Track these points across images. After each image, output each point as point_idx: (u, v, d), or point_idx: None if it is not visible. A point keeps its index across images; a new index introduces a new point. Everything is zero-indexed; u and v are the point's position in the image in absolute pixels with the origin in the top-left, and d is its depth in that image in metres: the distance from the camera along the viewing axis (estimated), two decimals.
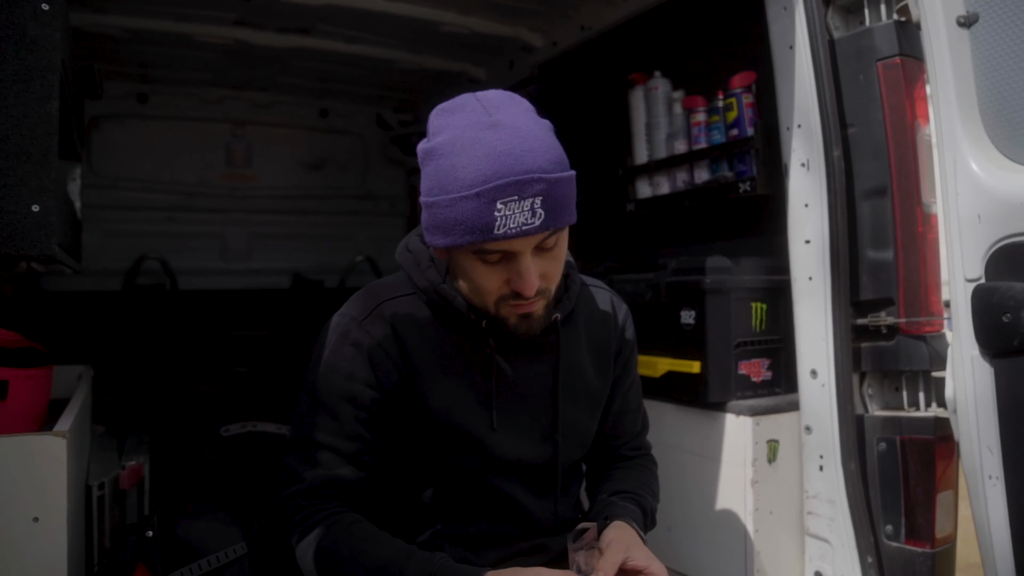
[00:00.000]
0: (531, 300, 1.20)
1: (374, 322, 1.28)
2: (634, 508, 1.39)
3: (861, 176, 1.98)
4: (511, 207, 1.09)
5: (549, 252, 1.19)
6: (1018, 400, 1.53)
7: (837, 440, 1.96)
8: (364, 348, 1.26)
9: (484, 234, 1.10)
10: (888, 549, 1.92)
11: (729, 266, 2.10)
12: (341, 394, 1.25)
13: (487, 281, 1.19)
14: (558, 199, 1.12)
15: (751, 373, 2.12)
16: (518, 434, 1.33)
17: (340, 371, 1.26)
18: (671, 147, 2.58)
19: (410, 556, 1.15)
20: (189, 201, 3.78)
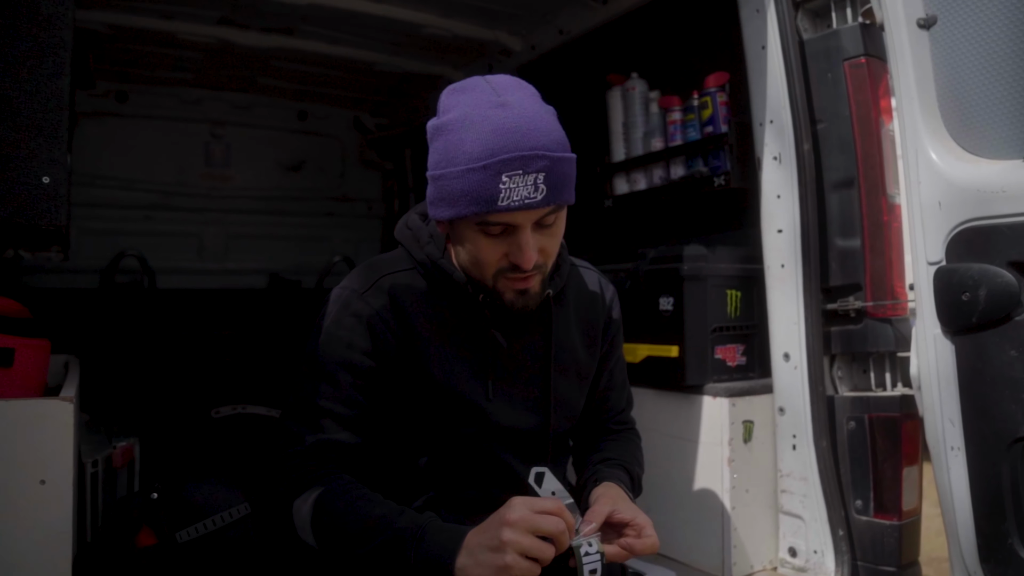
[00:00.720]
0: (528, 275, 1.26)
1: (374, 294, 1.33)
2: (621, 473, 1.46)
3: (830, 169, 2.09)
4: (515, 180, 1.16)
5: (548, 229, 1.25)
6: (977, 374, 1.63)
7: (809, 420, 2.06)
8: (364, 318, 1.31)
9: (489, 205, 1.17)
10: (858, 523, 2.02)
11: (705, 254, 2.20)
12: (340, 362, 1.29)
13: (487, 254, 1.25)
14: (560, 176, 1.19)
15: (727, 358, 2.21)
16: (513, 404, 1.39)
17: (340, 340, 1.30)
18: (648, 145, 2.68)
19: (401, 513, 1.19)
20: (167, 200, 3.80)
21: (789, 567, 2.14)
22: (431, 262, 1.36)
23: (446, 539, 1.13)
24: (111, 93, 3.59)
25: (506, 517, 1.09)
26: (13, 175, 1.35)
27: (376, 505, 1.20)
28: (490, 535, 1.09)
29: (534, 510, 1.10)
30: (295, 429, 1.29)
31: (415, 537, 1.13)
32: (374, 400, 1.32)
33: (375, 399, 1.32)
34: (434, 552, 1.12)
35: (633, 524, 1.23)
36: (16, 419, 1.33)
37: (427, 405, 1.33)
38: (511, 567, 1.06)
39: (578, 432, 1.62)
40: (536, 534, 1.08)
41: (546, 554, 1.08)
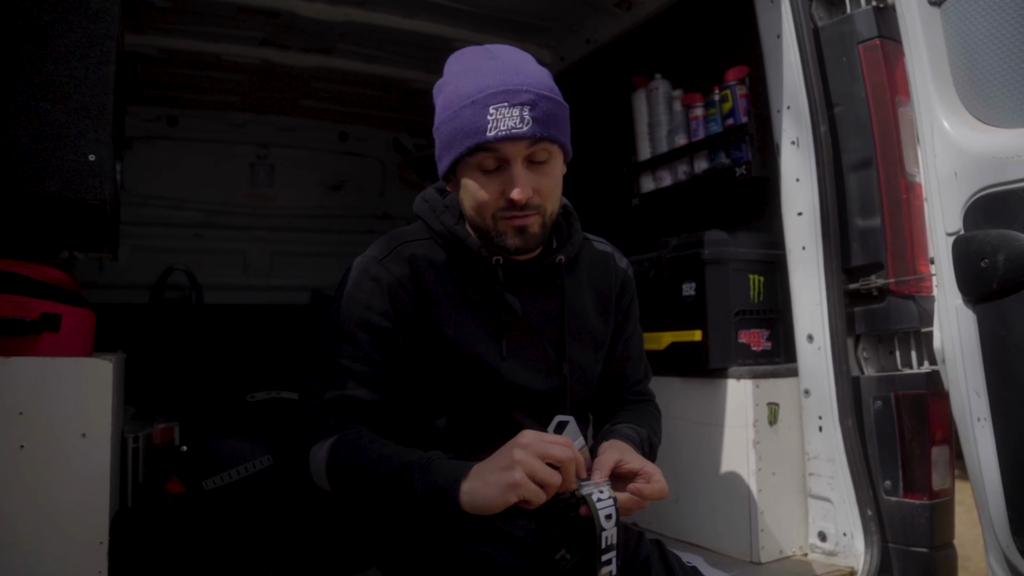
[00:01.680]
0: (525, 214, 1.33)
1: (393, 260, 1.40)
2: (630, 433, 1.49)
3: (847, 151, 2.14)
4: (502, 112, 1.26)
5: (541, 167, 1.33)
6: (1000, 341, 1.64)
7: (835, 400, 2.08)
8: (383, 282, 1.38)
9: (479, 136, 1.27)
10: (887, 504, 2.02)
11: (727, 239, 2.25)
12: (359, 322, 1.37)
13: (485, 192, 1.33)
14: (545, 112, 1.29)
15: (751, 342, 2.24)
16: (526, 364, 1.44)
17: (359, 302, 1.38)
18: (672, 142, 2.76)
19: (410, 451, 1.26)
20: (214, 219, 3.99)
21: (819, 552, 2.14)
22: (446, 230, 1.44)
23: (452, 467, 1.18)
24: (163, 118, 3.82)
25: (518, 440, 1.15)
26: (63, 153, 1.51)
27: (385, 447, 1.27)
28: (501, 456, 1.15)
29: (541, 438, 1.15)
30: (315, 385, 1.36)
31: (421, 468, 1.19)
32: (391, 359, 1.38)
33: (392, 359, 1.39)
34: (440, 480, 1.16)
35: (641, 472, 1.27)
36: (60, 377, 1.46)
37: (442, 365, 1.39)
38: (520, 484, 1.10)
39: (596, 404, 1.65)
40: (545, 460, 1.12)
41: (553, 480, 1.12)
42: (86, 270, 3.46)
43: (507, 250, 1.39)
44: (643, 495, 1.25)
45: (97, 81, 1.53)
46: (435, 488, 1.16)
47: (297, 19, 2.94)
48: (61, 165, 1.50)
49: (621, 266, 1.65)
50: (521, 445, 1.13)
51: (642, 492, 1.25)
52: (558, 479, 1.13)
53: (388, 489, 1.20)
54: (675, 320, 2.29)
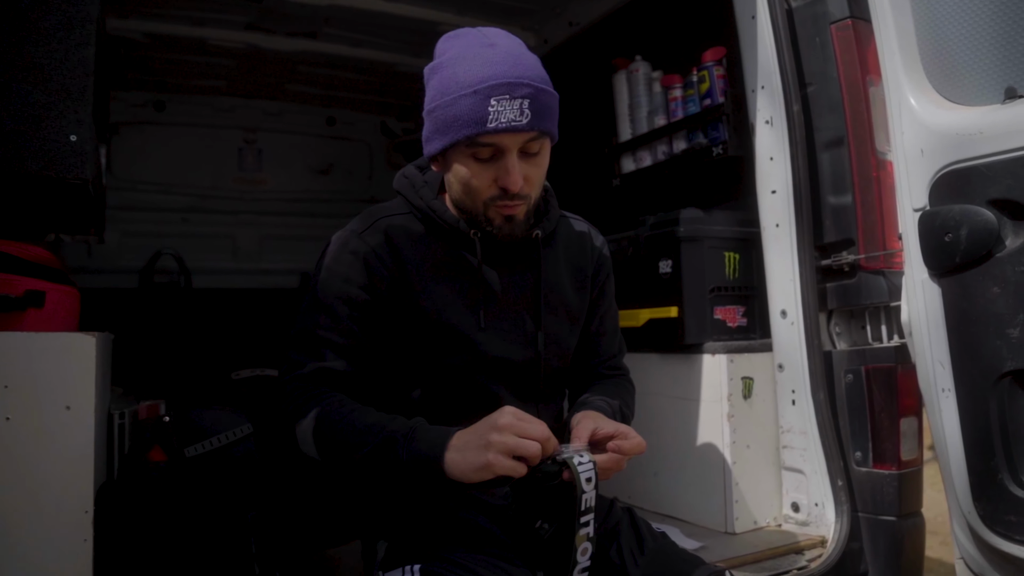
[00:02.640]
0: (515, 203, 1.36)
1: (371, 234, 1.43)
2: (603, 405, 1.52)
3: (820, 129, 2.18)
4: (503, 104, 1.28)
5: (533, 158, 1.36)
6: (963, 314, 1.68)
7: (807, 374, 2.12)
8: (361, 255, 1.41)
9: (479, 126, 1.29)
10: (857, 474, 2.07)
11: (702, 217, 2.29)
12: (338, 295, 1.40)
13: (478, 179, 1.36)
14: (543, 105, 1.32)
15: (726, 318, 2.28)
16: (503, 335, 1.47)
17: (338, 275, 1.41)
18: (652, 123, 2.79)
19: (393, 419, 1.29)
20: (202, 203, 4.01)
21: (792, 522, 2.19)
22: (425, 205, 1.46)
23: (435, 436, 1.23)
24: (150, 103, 3.83)
25: (495, 422, 1.19)
26: (44, 133, 1.54)
27: (369, 415, 1.31)
28: (478, 435, 1.19)
29: (520, 418, 1.19)
30: (295, 357, 1.40)
31: (406, 437, 1.23)
32: (369, 331, 1.42)
33: (370, 330, 1.42)
34: (424, 449, 1.21)
35: (616, 433, 1.31)
36: (44, 351, 1.50)
37: (419, 336, 1.42)
38: (492, 464, 1.16)
39: (571, 378, 1.68)
40: (522, 436, 1.17)
41: (531, 451, 1.16)
42: (75, 255, 3.50)
43: (493, 236, 1.42)
44: (623, 451, 1.29)
45: (77, 63, 1.56)
46: (419, 456, 1.21)
47: (281, 3, 2.96)
48: (43, 145, 1.53)
49: (597, 244, 1.68)
50: (497, 427, 1.18)
51: (622, 448, 1.29)
52: (536, 449, 1.17)
53: (374, 458, 1.25)
54: (652, 297, 2.33)
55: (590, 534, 1.23)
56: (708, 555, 1.68)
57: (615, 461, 1.29)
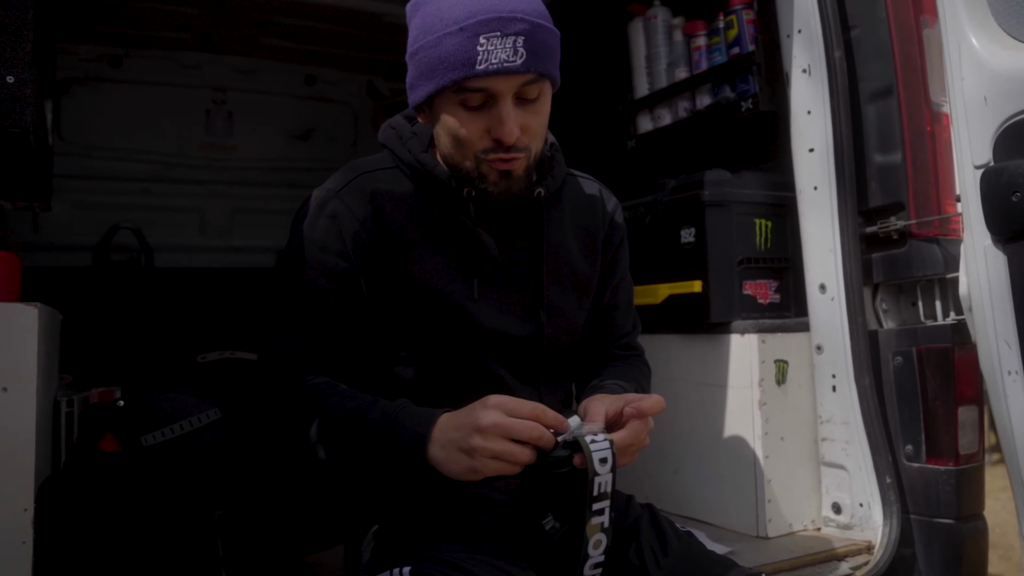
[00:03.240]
0: (512, 156, 1.33)
1: (351, 193, 1.40)
2: (616, 389, 1.48)
3: (865, 78, 2.14)
4: (493, 43, 1.24)
5: (531, 105, 1.33)
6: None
7: (849, 357, 2.09)
8: (339, 218, 1.39)
9: (466, 69, 1.25)
10: (908, 470, 2.03)
11: (729, 179, 2.25)
12: (316, 266, 1.38)
13: (468, 129, 1.32)
14: (540, 43, 1.27)
15: (757, 294, 2.24)
16: (501, 307, 1.45)
17: (315, 242, 1.39)
18: (672, 76, 2.75)
19: (374, 402, 1.28)
20: (166, 172, 3.93)
21: (833, 525, 2.15)
22: (413, 158, 1.43)
23: (416, 424, 1.21)
24: (104, 57, 3.75)
25: (478, 422, 1.14)
26: None
27: (348, 399, 1.29)
28: (461, 435, 1.16)
29: (508, 412, 1.15)
30: (272, 337, 1.38)
31: (387, 427, 1.22)
32: (352, 305, 1.40)
33: (353, 304, 1.40)
34: (407, 441, 1.20)
35: (627, 401, 1.28)
36: None
37: (407, 308, 1.40)
38: (479, 471, 1.15)
39: (579, 358, 1.65)
40: (511, 437, 1.14)
41: (520, 458, 1.14)
42: (19, 229, 3.43)
43: (488, 194, 1.39)
44: (642, 409, 1.25)
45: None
46: (403, 449, 1.20)
47: None
48: None
49: (610, 206, 1.65)
50: (480, 430, 1.14)
51: (640, 406, 1.25)
52: (526, 456, 1.15)
53: (357, 448, 1.24)
54: (673, 270, 2.30)
55: (604, 524, 1.20)
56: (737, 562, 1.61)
57: (635, 433, 1.25)
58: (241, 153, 4.13)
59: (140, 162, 3.89)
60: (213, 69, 3.99)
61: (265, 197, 4.18)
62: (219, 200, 4.10)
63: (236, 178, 4.11)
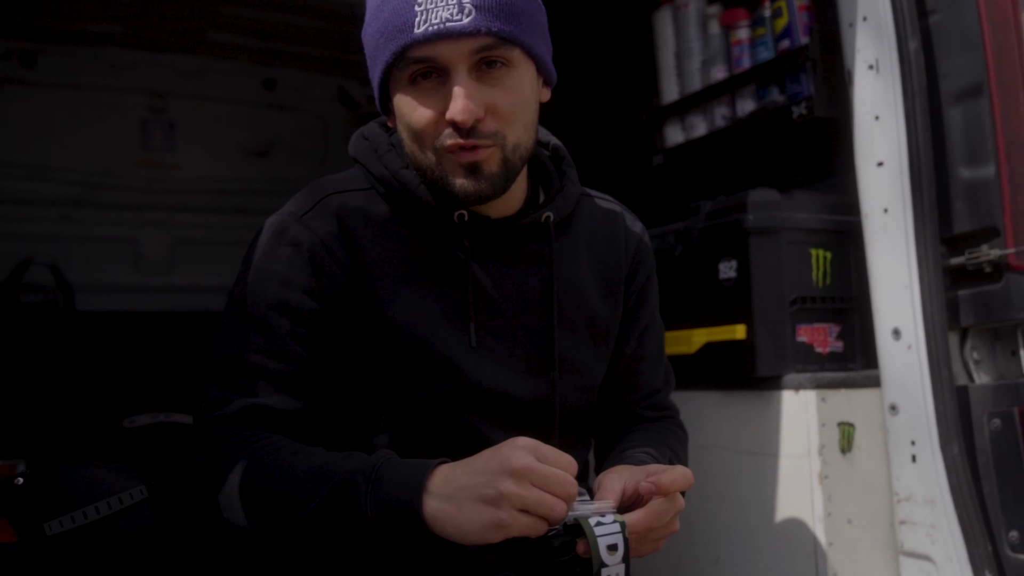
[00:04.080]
0: (475, 143, 1.30)
1: (317, 217, 1.38)
2: (645, 459, 1.45)
3: (948, 75, 2.11)
4: (433, 0, 1.24)
5: (494, 75, 1.30)
6: None
7: (932, 418, 2.02)
8: (304, 248, 1.37)
9: (404, 35, 1.25)
10: (1013, 563, 1.95)
11: (779, 201, 2.21)
12: (274, 304, 1.35)
13: (421, 114, 1.30)
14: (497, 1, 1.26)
15: (814, 341, 2.20)
16: (500, 360, 1.43)
17: (274, 276, 1.37)
18: (707, 76, 2.74)
19: (349, 456, 1.23)
20: (91, 194, 3.92)
21: None
22: (391, 175, 1.41)
23: (409, 473, 1.17)
24: (14, 54, 3.74)
25: (509, 463, 1.11)
26: None
27: (316, 455, 1.25)
28: (485, 479, 1.12)
29: (540, 458, 1.13)
30: (216, 393, 1.35)
31: (369, 479, 1.17)
32: (318, 352, 1.37)
33: (319, 351, 1.37)
34: (395, 493, 1.14)
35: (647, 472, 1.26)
36: None
37: (383, 359, 1.38)
38: (507, 525, 1.09)
39: (598, 421, 1.64)
40: (546, 488, 1.11)
41: (556, 512, 1.11)
42: None
43: (456, 198, 1.36)
44: (661, 485, 1.21)
45: None
46: (390, 505, 1.15)
47: None
48: None
49: (635, 231, 1.65)
50: (514, 472, 1.10)
51: (660, 481, 1.22)
52: (562, 511, 1.12)
53: (326, 513, 1.18)
54: (711, 312, 2.27)
55: None
56: None
57: (656, 515, 1.22)
58: (185, 172, 4.15)
59: (58, 182, 3.89)
60: (150, 70, 4.01)
61: (213, 225, 4.18)
62: (157, 229, 4.11)
63: (178, 202, 4.12)
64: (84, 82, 3.90)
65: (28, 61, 3.77)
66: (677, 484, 1.22)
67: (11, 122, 3.78)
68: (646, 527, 1.21)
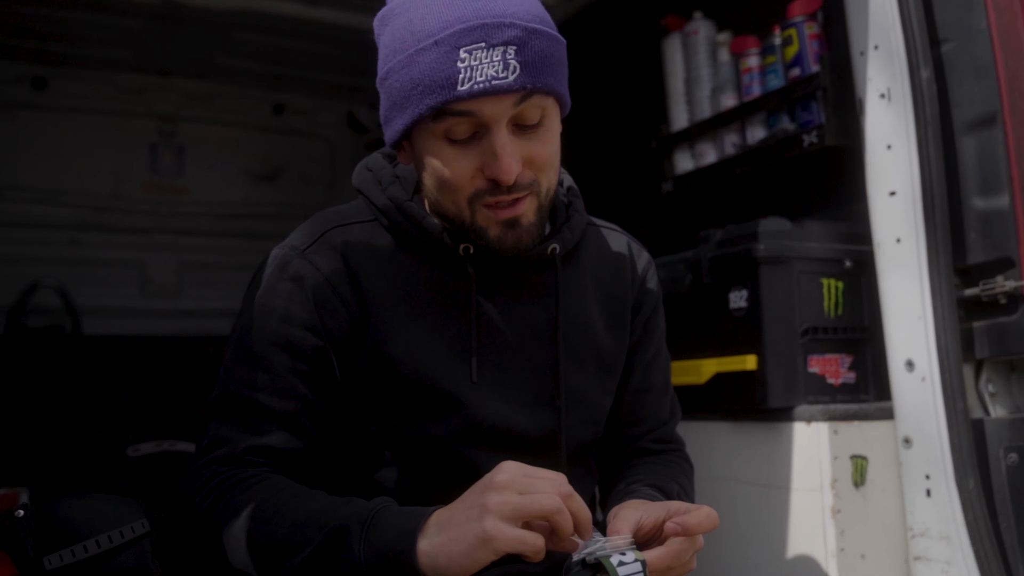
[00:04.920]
0: (515, 197, 1.28)
1: (320, 251, 1.36)
2: (653, 493, 1.43)
3: (961, 103, 2.09)
4: (477, 56, 1.20)
5: (533, 131, 1.28)
6: None
7: (947, 452, 1.99)
8: (306, 283, 1.35)
9: (446, 92, 1.20)
10: None
11: (790, 229, 2.20)
12: (275, 340, 1.33)
13: (455, 169, 1.27)
14: (538, 54, 1.23)
15: (826, 372, 2.18)
16: (505, 395, 1.41)
17: (275, 312, 1.34)
18: (717, 104, 2.72)
19: (348, 502, 1.20)
20: (99, 218, 3.92)
21: None
22: (395, 207, 1.39)
23: (403, 522, 1.14)
24: (26, 78, 3.76)
25: (491, 479, 1.10)
26: None
27: (315, 499, 1.23)
28: (468, 502, 1.11)
29: (525, 472, 1.12)
30: (218, 431, 1.33)
31: (363, 525, 1.14)
32: (320, 390, 1.36)
33: (321, 388, 1.36)
34: (388, 540, 1.12)
35: (670, 513, 1.21)
36: None
37: (389, 395, 1.36)
38: (493, 537, 1.05)
39: (602, 454, 1.62)
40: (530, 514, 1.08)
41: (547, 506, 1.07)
42: None
43: (493, 249, 1.34)
44: (687, 527, 1.18)
45: None
46: (382, 551, 1.12)
47: None
48: None
49: (641, 261, 1.62)
50: (495, 486, 1.09)
51: (686, 523, 1.18)
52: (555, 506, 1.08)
53: (320, 559, 1.16)
54: (720, 342, 2.25)
55: None
56: None
57: (676, 554, 1.18)
58: (193, 196, 4.15)
59: (67, 206, 3.89)
60: (160, 95, 4.02)
61: (221, 250, 4.19)
62: (165, 253, 4.11)
63: (186, 226, 4.13)
64: (94, 106, 3.91)
65: (39, 85, 3.79)
66: (703, 526, 1.19)
67: (22, 146, 3.78)
68: (666, 565, 1.17)
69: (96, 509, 1.69)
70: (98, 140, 3.92)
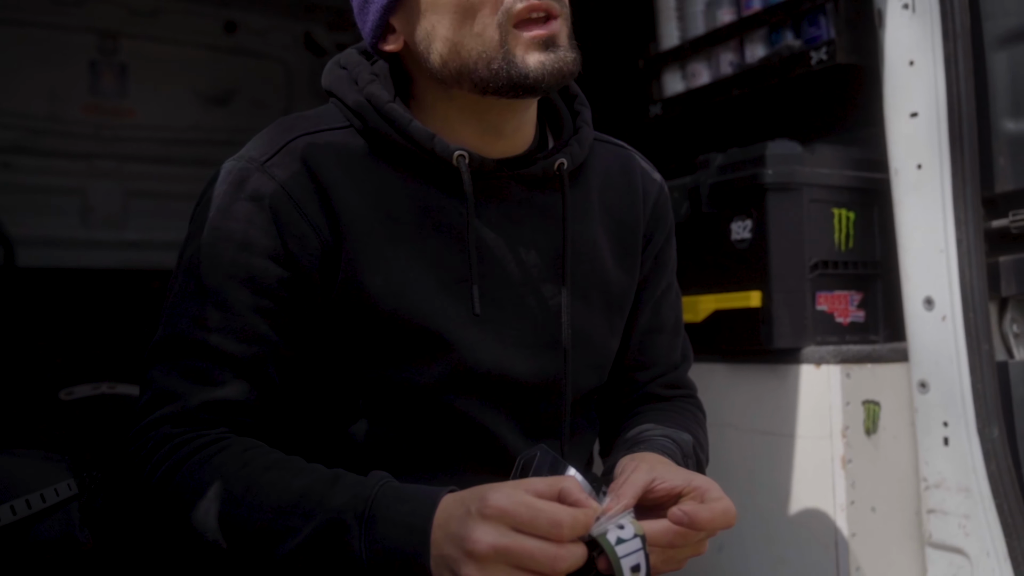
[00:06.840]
0: (547, 13, 1.18)
1: (283, 163, 1.24)
2: (667, 444, 1.35)
3: (993, 15, 2.00)
4: None
5: None
6: None
7: (969, 397, 1.94)
8: (267, 202, 1.22)
9: None
10: None
11: (800, 153, 2.12)
12: (231, 272, 1.21)
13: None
14: None
15: (835, 311, 2.12)
16: (503, 335, 1.31)
17: (230, 237, 1.22)
18: (712, 19, 2.64)
19: (335, 481, 1.11)
20: (34, 141, 3.81)
21: None
22: (373, 107, 1.26)
23: (408, 513, 1.05)
24: None
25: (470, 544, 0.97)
26: None
27: (294, 475, 1.14)
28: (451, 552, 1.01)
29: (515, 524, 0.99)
30: (164, 382, 1.22)
31: (361, 519, 1.06)
32: (285, 330, 1.25)
33: (286, 328, 1.25)
34: (396, 538, 1.04)
35: (687, 491, 1.14)
36: None
37: (365, 335, 1.27)
38: None
39: (607, 400, 1.55)
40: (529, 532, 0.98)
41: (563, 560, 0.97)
42: None
43: (525, 81, 1.21)
44: (695, 521, 1.09)
45: None
46: (391, 551, 1.04)
47: None
48: None
49: (654, 182, 1.53)
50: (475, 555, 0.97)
51: (695, 516, 1.09)
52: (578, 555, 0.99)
53: (309, 553, 1.08)
54: (720, 277, 2.20)
55: None
56: None
57: (681, 536, 1.10)
58: (139, 119, 4.07)
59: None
60: (100, 8, 3.90)
61: (169, 177, 4.11)
62: (108, 180, 4.03)
63: (131, 152, 4.04)
64: (27, 18, 3.77)
65: None
66: (714, 524, 1.09)
67: None
68: (668, 542, 1.09)
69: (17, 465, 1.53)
70: (32, 56, 3.79)
